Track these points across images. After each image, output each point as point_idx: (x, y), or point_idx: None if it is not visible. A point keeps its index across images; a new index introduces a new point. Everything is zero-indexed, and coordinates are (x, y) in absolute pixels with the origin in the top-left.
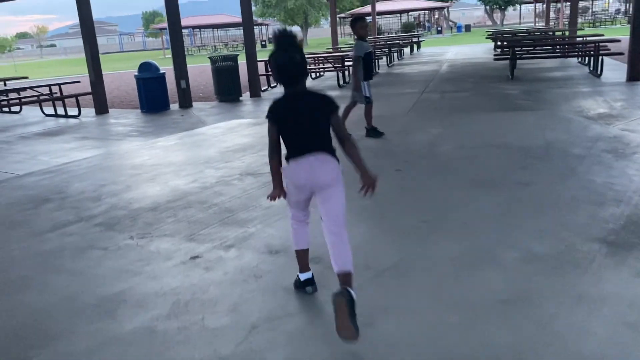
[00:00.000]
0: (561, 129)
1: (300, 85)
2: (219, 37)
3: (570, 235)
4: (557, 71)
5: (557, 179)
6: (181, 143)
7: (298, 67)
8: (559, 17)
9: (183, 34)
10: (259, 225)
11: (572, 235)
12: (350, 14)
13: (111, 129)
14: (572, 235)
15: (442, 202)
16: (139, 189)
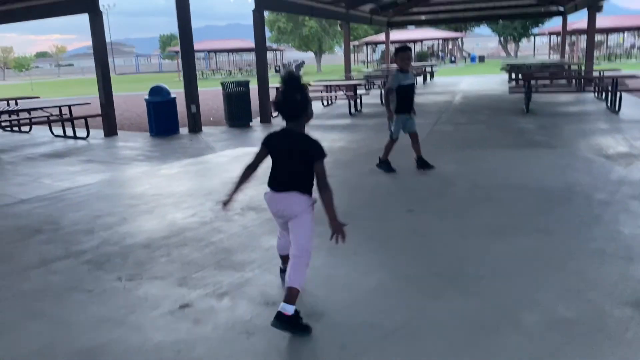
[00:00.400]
0: (582, 170)
1: (297, 124)
2: (234, 62)
3: (598, 296)
4: (573, 106)
5: (581, 227)
6: (185, 171)
7: (296, 107)
8: (574, 50)
9: (198, 57)
10: (256, 270)
11: (600, 296)
12: (365, 42)
13: (118, 153)
14: (600, 296)
15: (456, 250)
16: (135, 222)
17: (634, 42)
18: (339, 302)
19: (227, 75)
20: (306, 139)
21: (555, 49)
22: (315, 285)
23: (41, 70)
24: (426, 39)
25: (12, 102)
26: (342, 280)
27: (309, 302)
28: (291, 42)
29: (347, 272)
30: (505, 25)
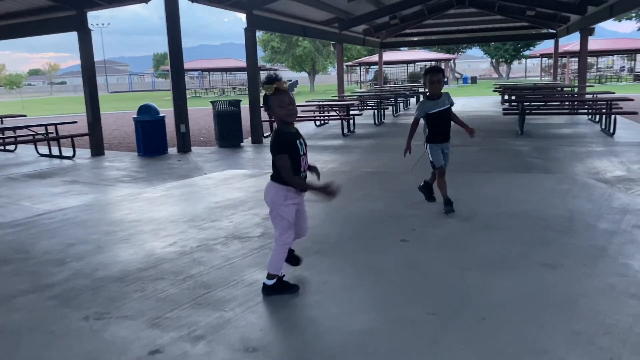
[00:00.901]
0: (583, 197)
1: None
2: (228, 80)
3: (612, 343)
4: (567, 128)
5: (586, 260)
6: (168, 195)
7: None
8: (565, 72)
9: (192, 76)
10: (237, 309)
11: (614, 343)
12: (358, 63)
13: (103, 173)
14: (614, 343)
15: (454, 286)
16: (110, 252)
17: (623, 65)
18: (326, 349)
19: (221, 94)
20: (272, 134)
21: (547, 71)
22: (300, 328)
23: (34, 88)
24: (419, 60)
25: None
26: (329, 323)
27: (294, 345)
28: (285, 62)
29: (336, 312)
30: (497, 47)
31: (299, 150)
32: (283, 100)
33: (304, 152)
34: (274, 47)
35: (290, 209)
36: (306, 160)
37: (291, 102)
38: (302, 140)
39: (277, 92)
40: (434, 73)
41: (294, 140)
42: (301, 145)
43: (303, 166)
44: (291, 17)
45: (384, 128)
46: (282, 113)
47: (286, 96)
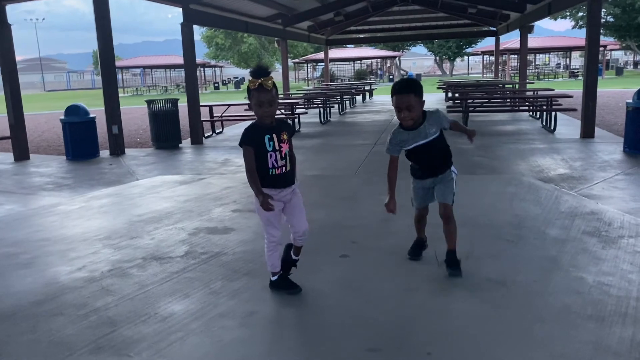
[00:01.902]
0: (531, 200)
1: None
2: (171, 78)
3: None
4: (509, 125)
5: (538, 275)
6: (86, 207)
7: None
8: (506, 69)
9: (135, 73)
10: (145, 353)
11: None
12: (305, 60)
13: (25, 180)
14: None
15: (398, 312)
16: (5, 280)
17: (559, 62)
18: None
19: (164, 91)
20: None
21: (488, 68)
22: None
23: None
24: (364, 57)
25: None
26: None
27: None
28: (230, 59)
29: (263, 352)
30: (440, 45)
31: (265, 145)
32: (262, 99)
33: (273, 148)
34: (218, 44)
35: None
36: (277, 157)
37: (271, 102)
38: (274, 136)
39: (260, 88)
40: (401, 95)
41: (261, 135)
42: (270, 141)
43: (271, 162)
44: (232, 12)
45: (330, 127)
46: (257, 112)
47: (267, 95)
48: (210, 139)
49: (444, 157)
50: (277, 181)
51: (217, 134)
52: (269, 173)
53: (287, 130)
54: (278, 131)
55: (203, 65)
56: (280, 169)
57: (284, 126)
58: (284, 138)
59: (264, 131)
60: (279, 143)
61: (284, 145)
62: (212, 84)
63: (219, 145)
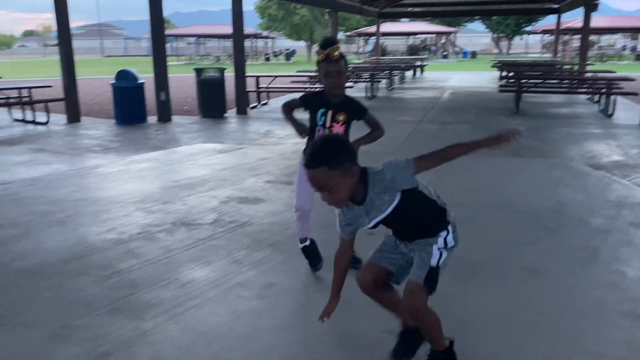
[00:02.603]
0: (576, 186)
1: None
2: (225, 48)
3: None
4: (564, 107)
5: (575, 265)
6: (125, 170)
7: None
8: (566, 50)
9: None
10: (160, 318)
11: None
12: (357, 33)
13: (74, 142)
14: None
15: None
16: (38, 237)
17: (626, 43)
18: None
19: (216, 61)
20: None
21: (547, 48)
22: (226, 347)
23: (28, 49)
24: (418, 32)
25: None
26: (263, 339)
27: None
28: (282, 30)
29: (274, 326)
30: (498, 22)
31: (317, 118)
32: (329, 69)
33: (323, 124)
34: (271, 15)
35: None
36: (323, 133)
37: (339, 72)
38: (329, 113)
39: (327, 59)
40: (309, 171)
41: (318, 106)
42: (323, 116)
43: (316, 135)
44: None
45: (376, 102)
46: (325, 83)
47: (334, 66)
48: (255, 109)
49: (422, 227)
50: None
51: (263, 105)
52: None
53: (349, 111)
54: (337, 109)
55: (255, 35)
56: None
57: (348, 107)
58: (339, 119)
59: (322, 103)
60: (331, 122)
61: (336, 126)
62: (264, 55)
63: (263, 117)
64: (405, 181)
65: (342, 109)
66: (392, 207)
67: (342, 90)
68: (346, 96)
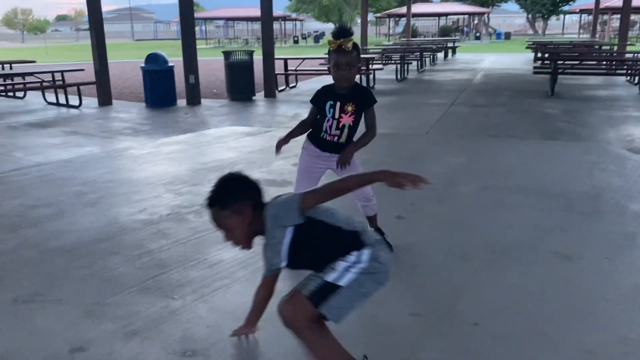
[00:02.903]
0: (613, 171)
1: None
2: (253, 31)
3: None
4: (602, 89)
5: (610, 251)
6: (155, 153)
7: None
8: (605, 30)
9: (219, 25)
10: (188, 297)
11: None
12: (387, 14)
13: (106, 124)
14: None
15: (447, 278)
16: (71, 217)
17: None
18: (273, 356)
19: (245, 44)
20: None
21: (586, 28)
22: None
23: (60, 34)
24: (450, 13)
25: (7, 67)
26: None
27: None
28: (311, 12)
29: None
30: (534, 1)
31: (325, 110)
32: (339, 61)
33: (332, 115)
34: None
35: (302, 157)
36: (332, 125)
37: (349, 64)
38: (338, 104)
39: (339, 50)
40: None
41: (325, 99)
42: (331, 108)
43: (326, 127)
44: None
45: (406, 84)
46: (334, 74)
47: (345, 57)
48: (283, 92)
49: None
50: (325, 145)
51: (291, 88)
52: (321, 135)
53: (358, 101)
54: (345, 100)
55: (284, 18)
56: (332, 137)
57: (358, 96)
58: (348, 110)
59: (329, 96)
60: (340, 112)
61: (345, 117)
62: (292, 38)
63: (291, 100)
64: (291, 218)
65: (351, 99)
66: (288, 244)
67: (351, 82)
68: (355, 84)
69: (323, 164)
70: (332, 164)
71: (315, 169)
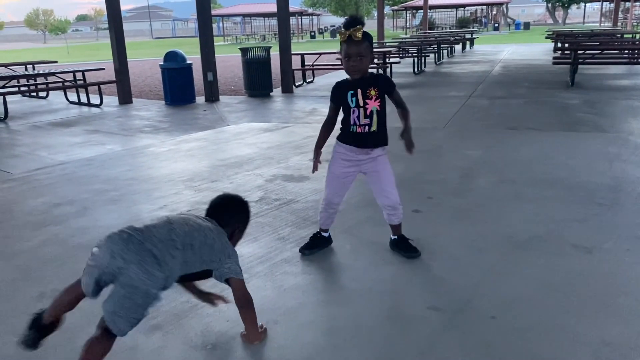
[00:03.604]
0: (635, 162)
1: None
2: (271, 26)
3: None
4: (624, 79)
5: (630, 243)
6: (175, 150)
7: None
8: (628, 18)
9: (236, 22)
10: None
11: None
12: (404, 7)
13: (126, 123)
14: None
15: (465, 272)
16: (94, 214)
17: None
18: (300, 350)
19: (262, 40)
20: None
21: (607, 16)
22: (272, 321)
23: (81, 33)
24: (469, 4)
25: (29, 67)
26: (309, 315)
27: (257, 346)
28: (327, 7)
29: (317, 300)
30: None
31: (348, 101)
32: (349, 51)
33: (357, 104)
34: None
35: (333, 160)
36: (360, 114)
37: (360, 55)
38: (359, 92)
39: (349, 40)
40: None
41: (345, 92)
42: (353, 97)
43: (353, 119)
44: None
45: (424, 77)
46: (345, 65)
47: (356, 48)
48: (300, 88)
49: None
50: (357, 139)
51: (308, 83)
52: (350, 130)
53: (378, 85)
54: (365, 86)
55: (300, 13)
56: (362, 127)
57: (376, 81)
58: (371, 94)
59: (348, 87)
60: (364, 99)
61: (371, 102)
62: (309, 33)
63: (308, 95)
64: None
65: (372, 84)
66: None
67: (364, 73)
68: (370, 73)
69: (354, 170)
70: (364, 168)
71: (347, 175)
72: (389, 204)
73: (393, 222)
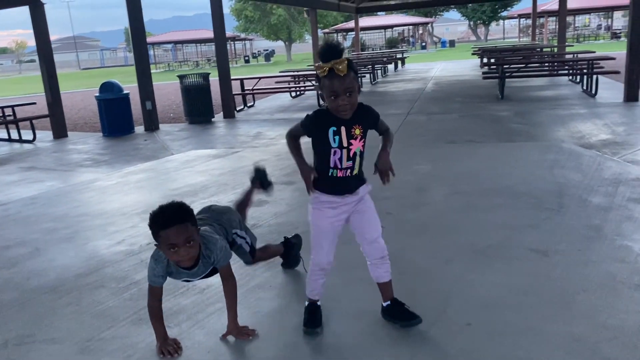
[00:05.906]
0: (572, 167)
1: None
2: (202, 53)
3: (620, 351)
4: (548, 90)
5: (581, 243)
6: (123, 182)
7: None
8: (544, 32)
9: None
10: (184, 324)
11: (623, 351)
12: (335, 30)
13: (64, 157)
14: (623, 351)
15: (432, 282)
16: (48, 254)
17: (600, 22)
18: None
19: (195, 66)
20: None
21: (525, 32)
22: (252, 348)
23: (2, 67)
24: (396, 25)
25: None
26: (288, 338)
27: None
28: (260, 31)
29: (297, 322)
30: (474, 9)
31: (329, 139)
32: (335, 89)
33: (339, 145)
34: (247, 16)
35: (316, 214)
36: (342, 156)
37: (348, 91)
38: (343, 129)
39: (331, 75)
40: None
41: (326, 125)
42: (336, 135)
43: (334, 161)
44: None
45: (362, 97)
46: (331, 105)
47: (342, 83)
48: (242, 112)
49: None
50: (336, 186)
51: (249, 108)
52: (328, 173)
53: (363, 122)
54: (350, 123)
55: (233, 38)
56: (344, 171)
57: (361, 117)
58: (356, 134)
59: (331, 121)
60: (348, 139)
61: (355, 143)
62: (243, 57)
63: (251, 119)
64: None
65: (357, 121)
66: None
67: (354, 109)
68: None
69: (345, 215)
70: (351, 208)
71: (338, 221)
72: (377, 254)
73: (383, 279)
